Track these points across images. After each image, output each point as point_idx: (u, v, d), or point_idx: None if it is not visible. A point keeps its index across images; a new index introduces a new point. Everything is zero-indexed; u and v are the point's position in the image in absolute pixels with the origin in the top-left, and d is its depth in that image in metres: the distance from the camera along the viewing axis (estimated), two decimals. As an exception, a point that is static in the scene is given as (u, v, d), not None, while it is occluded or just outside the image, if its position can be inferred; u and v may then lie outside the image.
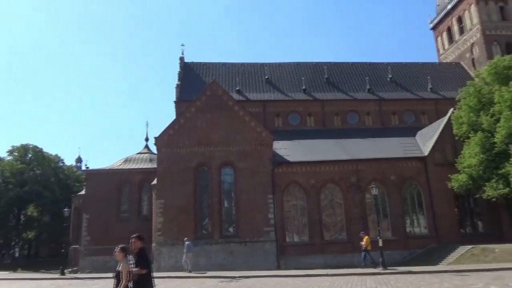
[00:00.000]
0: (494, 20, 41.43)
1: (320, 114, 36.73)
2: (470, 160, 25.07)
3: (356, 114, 37.21)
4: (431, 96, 38.34)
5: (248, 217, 26.86)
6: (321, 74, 40.13)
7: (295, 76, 39.48)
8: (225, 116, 28.72)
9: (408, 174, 29.20)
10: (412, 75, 41.37)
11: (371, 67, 41.94)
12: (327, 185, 28.91)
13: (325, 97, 37.53)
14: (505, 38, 40.87)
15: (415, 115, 37.46)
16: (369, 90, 38.38)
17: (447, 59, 46.34)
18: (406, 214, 28.96)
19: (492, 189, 23.92)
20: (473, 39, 42.14)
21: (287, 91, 37.92)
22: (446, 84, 39.96)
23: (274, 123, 35.63)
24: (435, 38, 49.38)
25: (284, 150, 29.97)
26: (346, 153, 29.92)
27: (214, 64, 40.58)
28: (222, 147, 28.15)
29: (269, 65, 40.82)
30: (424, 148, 30.19)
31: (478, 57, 41.19)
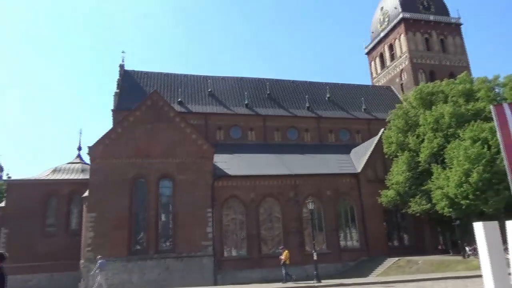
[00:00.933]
0: (420, 50, 45.44)
1: (261, 129, 37.35)
2: (398, 177, 26.88)
3: (295, 130, 38.38)
4: (365, 116, 40.78)
5: (186, 232, 26.23)
6: (263, 89, 40.97)
7: (238, 91, 39.88)
8: (166, 127, 28.06)
9: (342, 189, 30.57)
10: (348, 95, 43.75)
11: (310, 86, 43.69)
12: (266, 199, 29.26)
13: (266, 113, 38.29)
14: (429, 67, 44.93)
15: (350, 133, 39.55)
16: (308, 108, 39.87)
17: (379, 82, 49.76)
18: (340, 228, 30.16)
19: (416, 205, 25.79)
20: (402, 66, 45.79)
21: (230, 105, 38.13)
22: (378, 105, 42.81)
23: (215, 136, 35.55)
24: (369, 62, 52.91)
25: (225, 164, 29.91)
26: (286, 168, 30.63)
27: (156, 73, 39.69)
28: (161, 159, 27.38)
29: (212, 78, 40.85)
30: (357, 165, 31.87)
31: (406, 82, 44.77)
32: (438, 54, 45.83)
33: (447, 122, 24.98)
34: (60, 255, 27.90)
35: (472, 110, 24.74)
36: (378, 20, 51.50)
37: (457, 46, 46.89)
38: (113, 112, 33.47)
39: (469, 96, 26.41)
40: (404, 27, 45.53)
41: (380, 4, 52.15)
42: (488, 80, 26.89)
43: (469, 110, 24.81)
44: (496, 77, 26.86)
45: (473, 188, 21.25)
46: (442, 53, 46.04)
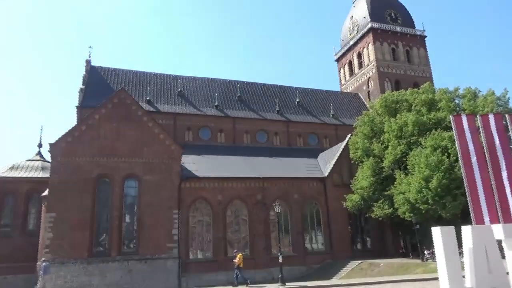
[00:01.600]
0: (387, 59, 47.01)
1: (231, 131, 37.29)
2: (363, 182, 27.60)
3: (265, 133, 38.61)
4: (333, 122, 41.63)
5: (151, 233, 25.69)
6: (234, 92, 40.95)
7: (208, 92, 39.64)
8: (133, 126, 27.44)
9: (309, 193, 31.01)
10: (317, 101, 44.52)
11: (281, 90, 44.12)
12: (233, 202, 29.20)
13: (236, 115, 38.28)
14: (395, 76, 46.56)
15: (318, 138, 40.24)
16: (278, 112, 40.22)
17: (348, 89, 50.99)
18: (306, 231, 30.57)
19: (379, 209, 26.57)
20: (369, 74, 47.16)
21: (200, 106, 37.83)
22: (346, 112, 43.84)
23: (184, 137, 35.13)
24: (338, 69, 54.13)
25: (193, 165, 29.62)
26: (254, 170, 30.71)
27: (125, 71, 38.75)
28: (127, 158, 26.72)
29: (182, 78, 40.39)
30: (324, 169, 32.45)
31: (373, 90, 46.14)
32: (403, 64, 47.57)
33: (410, 130, 25.93)
34: (16, 256, 26.60)
35: (433, 119, 25.80)
36: (348, 28, 52.83)
37: (421, 57, 48.86)
38: (78, 108, 32.36)
39: (431, 105, 27.53)
40: (372, 37, 46.94)
41: (350, 13, 53.53)
42: (449, 91, 28.15)
43: (431, 119, 25.86)
44: (456, 89, 28.17)
45: (432, 194, 22.14)
46: (407, 63, 47.82)
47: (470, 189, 7.26)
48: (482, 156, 7.67)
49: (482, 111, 22.94)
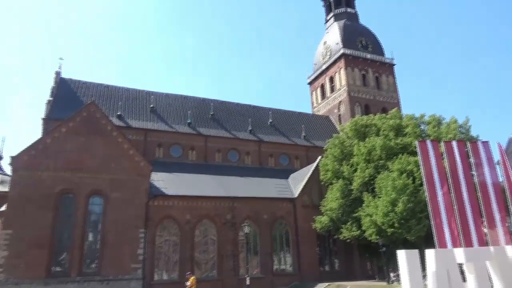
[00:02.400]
0: (358, 84, 48.52)
1: (202, 149, 37.01)
2: (332, 203, 27.90)
3: (237, 152, 38.55)
4: (304, 143, 42.18)
5: (115, 253, 24.71)
6: (207, 110, 40.88)
7: (181, 109, 39.40)
8: (101, 141, 26.72)
9: (279, 213, 30.98)
10: (289, 122, 45.12)
11: (254, 109, 44.48)
12: (202, 221, 28.72)
13: (209, 133, 38.11)
14: (365, 101, 48.00)
15: (290, 158, 40.57)
16: (250, 131, 40.39)
17: (320, 112, 52.04)
18: (274, 252, 30.35)
19: (348, 231, 26.85)
20: (340, 98, 48.42)
21: (172, 123, 37.45)
22: (317, 134, 44.60)
23: (154, 154, 34.54)
24: (311, 92, 55.30)
25: (162, 182, 29.03)
26: (224, 189, 30.44)
27: (96, 84, 37.95)
28: (94, 174, 25.86)
29: (155, 94, 40.01)
30: (294, 190, 32.61)
31: (344, 113, 47.31)
32: (373, 89, 49.20)
33: (378, 154, 26.62)
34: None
35: (400, 144, 26.64)
36: (321, 53, 54.37)
37: (390, 84, 50.76)
38: (44, 121, 31.24)
39: (399, 131, 28.48)
40: (344, 62, 48.46)
41: (323, 39, 55.22)
42: (415, 117, 29.27)
43: (398, 144, 26.70)
44: (422, 116, 29.35)
45: (398, 217, 22.64)
46: (376, 89, 49.51)
47: (433, 213, 7.46)
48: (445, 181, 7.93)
49: (446, 138, 23.93)
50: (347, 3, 55.65)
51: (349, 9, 55.26)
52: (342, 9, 54.93)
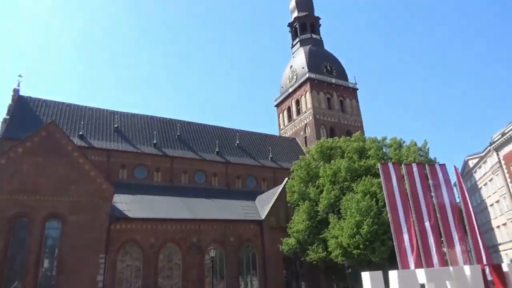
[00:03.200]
0: (323, 107, 49.81)
1: (168, 170, 36.30)
2: (298, 225, 27.92)
3: (203, 173, 38.11)
4: (271, 165, 42.38)
5: (72, 280, 23.34)
6: (173, 130, 40.39)
7: (147, 129, 38.69)
8: (61, 162, 25.62)
9: (246, 236, 30.62)
10: (256, 143, 45.37)
11: (221, 131, 44.45)
12: (167, 245, 27.84)
13: (175, 154, 37.53)
14: (330, 124, 49.25)
15: (257, 180, 40.56)
16: (217, 153, 40.17)
17: (286, 133, 52.79)
18: (241, 275, 29.79)
19: (314, 253, 26.85)
20: (306, 121, 49.44)
21: (137, 143, 36.60)
22: (284, 155, 45.03)
23: (118, 175, 33.49)
24: (278, 114, 56.16)
25: (125, 205, 28.06)
26: (190, 212, 29.83)
27: (57, 103, 36.58)
28: (52, 196, 24.62)
29: (120, 113, 39.12)
30: (261, 212, 32.48)
31: (310, 136, 48.22)
32: (337, 113, 50.66)
33: (343, 175, 27.13)
34: None
35: (364, 166, 27.33)
36: (287, 76, 55.65)
37: (353, 108, 52.49)
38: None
39: (362, 153, 29.27)
40: (310, 86, 49.78)
41: (290, 63, 56.69)
42: (377, 140, 30.25)
43: (362, 166, 27.37)
44: (383, 138, 30.39)
45: (363, 239, 22.95)
46: (341, 113, 51.02)
47: (396, 234, 7.64)
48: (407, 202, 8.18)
49: (407, 160, 24.82)
50: (312, 30, 57.73)
51: (314, 35, 57.30)
52: (307, 35, 56.85)
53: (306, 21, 57.90)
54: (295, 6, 59.89)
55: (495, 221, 46.65)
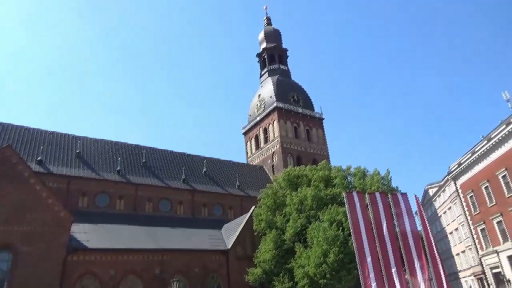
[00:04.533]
0: (290, 136, 50.60)
1: (132, 198, 35.13)
2: (265, 255, 27.55)
3: (169, 201, 37.18)
4: (238, 193, 42.05)
5: (21, 317, 21.58)
6: (139, 157, 39.44)
7: (111, 155, 37.54)
8: (16, 188, 24.17)
9: (211, 266, 29.78)
10: (224, 171, 45.04)
11: (188, 158, 43.89)
12: (128, 277, 26.50)
13: (139, 181, 36.49)
14: (296, 152, 49.95)
15: (223, 208, 39.99)
16: (184, 180, 39.46)
17: (254, 161, 52.91)
18: (205, 308, 28.67)
19: (280, 283, 26.42)
20: (274, 149, 49.91)
21: (99, 170, 35.32)
22: (251, 183, 44.89)
23: (78, 203, 32.00)
24: (245, 142, 56.41)
25: (84, 235, 26.68)
26: (153, 241, 28.77)
27: (15, 126, 34.87)
28: (2, 226, 23.00)
29: (82, 138, 37.81)
30: (227, 241, 31.84)
31: (277, 164, 48.55)
32: (304, 142, 51.59)
33: (309, 204, 27.29)
34: None
35: (330, 194, 27.68)
36: (255, 105, 56.44)
37: (319, 137, 53.67)
38: None
39: (328, 182, 29.71)
40: (277, 115, 50.64)
41: (258, 92, 57.69)
42: (342, 169, 30.89)
43: (328, 194, 27.71)
44: (348, 168, 31.08)
45: (330, 268, 22.89)
46: (307, 142, 51.98)
47: (360, 262, 7.70)
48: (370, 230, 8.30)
49: (370, 189, 25.40)
50: (280, 61, 59.46)
51: (282, 66, 58.98)
52: (275, 66, 58.43)
53: (274, 52, 59.64)
54: (264, 38, 61.74)
55: (455, 249, 48.14)
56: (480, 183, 34.46)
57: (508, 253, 31.27)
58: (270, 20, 65.06)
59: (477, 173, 35.03)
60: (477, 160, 34.55)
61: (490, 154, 32.79)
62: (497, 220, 32.39)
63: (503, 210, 31.33)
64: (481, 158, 34.01)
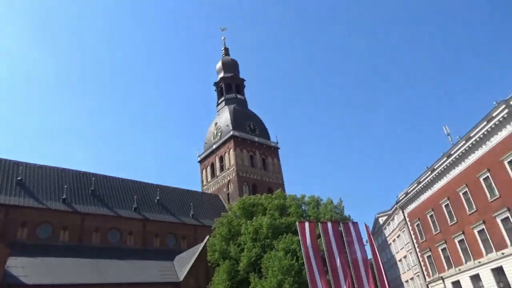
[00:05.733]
0: (246, 165, 50.72)
1: (77, 228, 33.08)
2: (218, 286, 26.71)
3: (118, 231, 35.42)
4: (192, 222, 41.00)
5: None
6: (87, 185, 37.52)
7: (56, 183, 35.39)
8: None
9: (162, 300, 28.34)
10: (177, 200, 43.91)
11: (140, 186, 42.41)
12: (69, 315, 24.52)
13: (86, 210, 34.54)
14: (252, 181, 50.00)
15: (176, 238, 38.70)
16: (135, 209, 37.93)
17: (209, 190, 52.19)
18: None
19: (235, 315, 25.64)
20: (229, 177, 49.66)
21: (43, 198, 33.09)
22: (206, 212, 44.04)
23: (16, 234, 29.59)
24: (201, 170, 55.72)
25: (22, 270, 24.55)
26: (99, 275, 27.03)
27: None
28: None
29: (25, 165, 35.43)
30: (180, 273, 30.65)
31: (232, 192, 48.21)
32: (260, 170, 51.88)
33: (265, 232, 27.08)
34: None
35: (285, 223, 27.68)
36: (212, 133, 56.36)
37: (275, 166, 54.27)
38: None
39: (283, 210, 29.80)
40: (234, 143, 50.80)
41: (215, 120, 57.80)
42: (297, 198, 31.18)
43: (283, 223, 27.69)
44: (302, 196, 31.45)
45: (284, 299, 22.58)
46: (263, 170, 52.33)
47: (313, 292, 7.68)
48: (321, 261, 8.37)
49: (324, 218, 25.77)
50: (237, 90, 60.38)
51: (238, 95, 59.86)
52: (232, 95, 59.17)
53: (231, 82, 60.55)
54: (222, 67, 62.66)
55: (404, 276, 49.59)
56: (425, 212, 36.17)
57: (452, 279, 32.65)
58: (228, 50, 66.37)
59: (422, 202, 36.81)
60: (422, 190, 36.38)
61: (433, 184, 34.69)
62: (441, 248, 33.92)
63: (446, 238, 32.94)
64: (426, 188, 35.87)
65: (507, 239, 26.20)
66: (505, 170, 26.01)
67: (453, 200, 31.88)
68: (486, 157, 27.95)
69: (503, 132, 26.25)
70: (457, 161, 31.08)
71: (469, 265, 30.29)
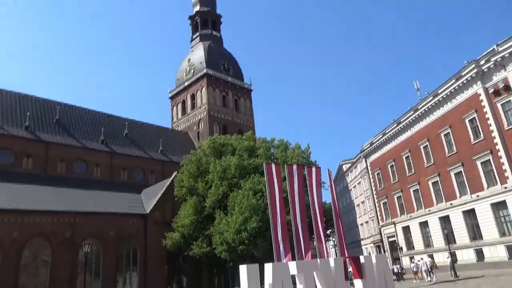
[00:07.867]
0: (218, 104, 50.27)
1: (41, 157, 32.49)
2: (184, 220, 27.70)
3: (84, 163, 35.15)
4: (160, 158, 41.16)
5: None
6: (51, 113, 36.29)
7: (18, 109, 33.99)
8: None
9: (128, 231, 29.18)
10: (147, 135, 43.56)
11: (109, 119, 41.52)
12: (33, 240, 24.90)
13: (51, 139, 33.77)
14: (223, 121, 49.97)
15: (144, 173, 38.96)
16: (102, 141, 37.43)
17: (179, 127, 51.87)
18: (119, 273, 28.27)
19: (198, 248, 26.96)
20: (200, 116, 49.32)
21: (4, 124, 31.90)
22: (175, 149, 44.15)
23: (-24, 159, 28.76)
24: (172, 107, 54.84)
25: (-17, 194, 24.24)
26: (64, 203, 27.18)
27: None
28: None
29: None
30: (146, 206, 31.31)
31: (203, 131, 48.22)
32: (231, 111, 51.70)
33: (232, 172, 27.75)
34: None
35: (253, 164, 28.37)
36: (184, 70, 54.72)
37: (246, 108, 54.17)
38: None
39: (252, 152, 30.36)
40: (207, 82, 49.79)
41: (188, 56, 55.82)
42: (267, 141, 31.72)
43: (251, 164, 28.38)
44: (272, 140, 32.00)
45: (248, 235, 23.82)
46: (235, 111, 52.19)
47: (273, 231, 8.12)
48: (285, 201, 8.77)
49: (291, 161, 26.56)
50: (213, 26, 57.88)
51: (214, 32, 57.50)
52: (208, 31, 56.76)
53: (207, 16, 57.79)
54: (198, 0, 59.28)
55: (360, 219, 53.16)
56: (386, 162, 37.98)
57: (403, 224, 35.38)
58: (205, -19, 62.43)
59: (385, 152, 38.48)
60: (386, 141, 37.85)
61: (398, 137, 36.11)
62: (397, 196, 36.23)
63: (403, 187, 35.08)
64: (390, 140, 37.33)
65: (457, 191, 28.28)
66: (466, 128, 27.34)
67: (414, 152, 33.51)
68: (450, 114, 29.10)
69: (469, 91, 27.15)
70: (423, 116, 32.20)
71: (419, 213, 32.75)
